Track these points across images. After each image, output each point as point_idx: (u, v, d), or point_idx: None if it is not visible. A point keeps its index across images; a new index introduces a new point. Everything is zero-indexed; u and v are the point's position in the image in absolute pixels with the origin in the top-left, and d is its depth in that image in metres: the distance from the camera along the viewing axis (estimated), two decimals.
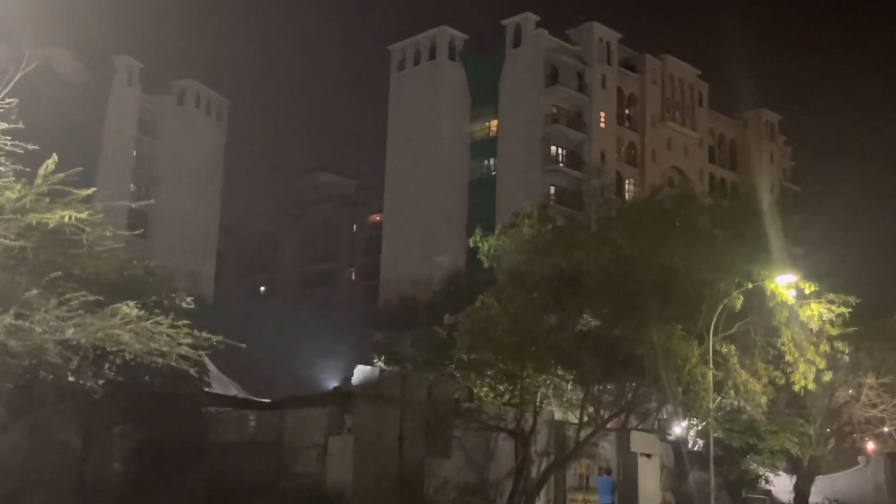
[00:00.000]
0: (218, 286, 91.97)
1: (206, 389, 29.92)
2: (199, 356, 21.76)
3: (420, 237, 77.47)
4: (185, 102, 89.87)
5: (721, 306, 29.23)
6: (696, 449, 37.36)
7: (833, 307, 30.11)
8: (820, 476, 39.36)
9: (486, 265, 33.70)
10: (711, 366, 29.04)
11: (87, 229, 18.88)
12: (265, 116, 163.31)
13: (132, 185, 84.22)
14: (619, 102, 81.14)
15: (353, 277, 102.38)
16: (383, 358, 50.05)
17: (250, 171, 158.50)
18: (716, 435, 30.98)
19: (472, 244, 34.22)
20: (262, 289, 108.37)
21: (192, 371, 21.73)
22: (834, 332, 30.39)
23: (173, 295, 25.19)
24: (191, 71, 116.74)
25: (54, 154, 18.34)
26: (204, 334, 20.89)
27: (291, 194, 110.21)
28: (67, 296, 18.25)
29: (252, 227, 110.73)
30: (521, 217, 33.36)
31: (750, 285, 29.38)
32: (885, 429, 38.36)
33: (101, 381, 21.94)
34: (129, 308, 19.14)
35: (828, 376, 31.22)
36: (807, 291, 29.63)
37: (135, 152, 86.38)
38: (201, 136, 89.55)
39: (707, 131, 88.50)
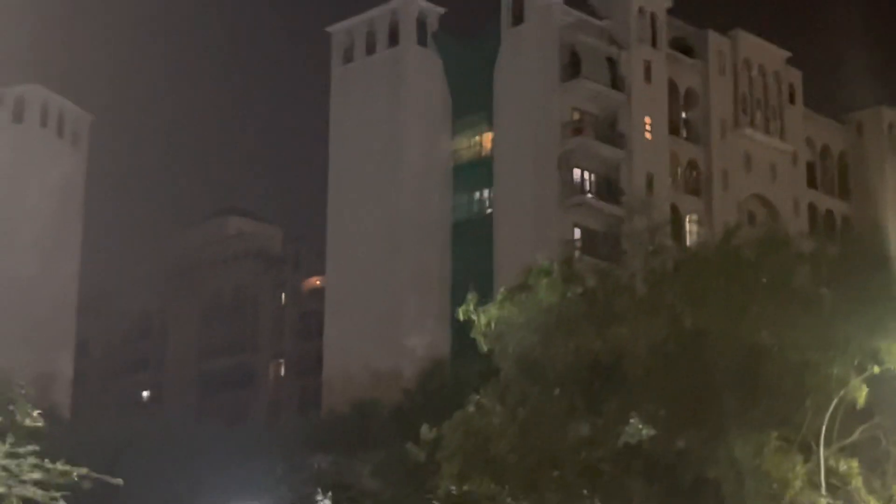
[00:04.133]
0: (79, 392, 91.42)
1: None
2: (54, 499, 21.60)
3: (381, 310, 77.49)
4: (26, 118, 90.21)
5: (835, 402, 29.32)
6: None
7: None
8: None
9: (483, 349, 33.79)
10: (824, 491, 29.04)
11: None
12: (146, 138, 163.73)
13: None
14: (673, 102, 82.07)
15: (282, 374, 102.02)
16: (330, 494, 49.76)
17: (124, 219, 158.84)
18: None
19: (461, 317, 34.32)
20: (145, 394, 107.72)
21: None
22: None
23: (11, 408, 25.05)
24: (35, 74, 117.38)
25: None
26: (60, 465, 20.76)
27: (186, 252, 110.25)
28: None
29: (128, 302, 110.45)
30: (535, 275, 33.54)
31: (877, 369, 29.54)
32: None
33: None
34: None
35: None
36: None
37: None
38: (50, 167, 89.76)
39: (803, 141, 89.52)
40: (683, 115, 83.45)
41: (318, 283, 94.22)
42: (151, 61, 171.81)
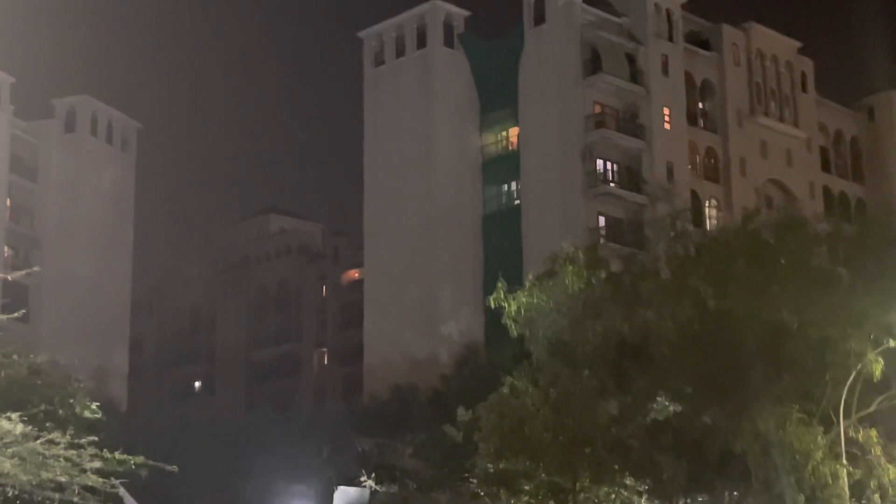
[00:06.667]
0: (134, 385, 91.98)
1: None
2: (113, 487, 21.67)
3: (417, 299, 77.58)
4: (77, 128, 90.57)
5: (853, 375, 29.15)
6: None
7: None
8: None
9: (514, 333, 33.73)
10: (845, 461, 28.89)
11: None
12: (190, 143, 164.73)
13: (6, 249, 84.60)
14: (690, 93, 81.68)
15: (325, 362, 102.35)
16: (373, 475, 49.88)
17: (171, 220, 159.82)
18: None
19: (492, 304, 34.29)
20: (197, 385, 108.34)
21: None
22: None
23: (71, 401, 25.14)
24: (83, 86, 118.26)
25: None
26: (118, 455, 20.81)
27: (231, 249, 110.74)
28: None
29: (177, 298, 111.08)
30: (561, 262, 33.45)
31: (892, 343, 29.35)
32: None
33: None
34: (11, 423, 19.10)
35: None
36: None
37: (8, 201, 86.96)
38: (101, 173, 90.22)
39: (816, 127, 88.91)
40: (700, 105, 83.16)
41: (356, 275, 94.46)
42: (193, 69, 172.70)
